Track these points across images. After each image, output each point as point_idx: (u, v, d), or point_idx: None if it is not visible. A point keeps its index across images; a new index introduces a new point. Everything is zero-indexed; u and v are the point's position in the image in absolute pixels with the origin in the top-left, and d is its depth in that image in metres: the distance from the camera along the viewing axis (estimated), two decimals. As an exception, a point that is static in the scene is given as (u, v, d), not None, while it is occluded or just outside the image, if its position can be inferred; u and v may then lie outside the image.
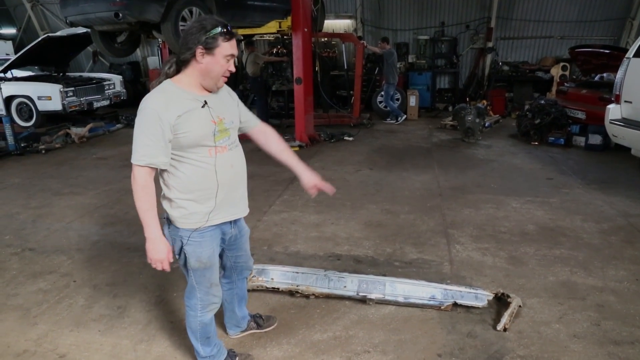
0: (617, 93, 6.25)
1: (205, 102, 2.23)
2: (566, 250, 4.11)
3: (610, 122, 6.26)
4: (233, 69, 2.25)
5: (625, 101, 6.10)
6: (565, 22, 12.13)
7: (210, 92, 2.27)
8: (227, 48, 2.16)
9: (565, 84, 9.86)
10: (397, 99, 11.01)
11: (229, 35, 2.15)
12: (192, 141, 2.18)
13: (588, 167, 6.72)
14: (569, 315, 3.15)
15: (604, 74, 8.81)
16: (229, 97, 2.43)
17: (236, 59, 13.84)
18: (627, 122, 6.03)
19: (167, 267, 2.26)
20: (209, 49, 2.13)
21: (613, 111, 6.26)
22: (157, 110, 2.10)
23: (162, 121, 2.10)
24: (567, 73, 11.10)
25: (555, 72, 11.23)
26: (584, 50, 9.40)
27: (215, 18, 2.20)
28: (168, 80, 2.23)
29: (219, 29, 2.12)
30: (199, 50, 2.13)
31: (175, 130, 2.13)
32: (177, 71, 2.25)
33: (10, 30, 16.07)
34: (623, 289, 3.46)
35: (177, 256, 2.37)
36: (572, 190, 5.70)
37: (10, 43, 14.70)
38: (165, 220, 2.33)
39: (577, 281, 3.59)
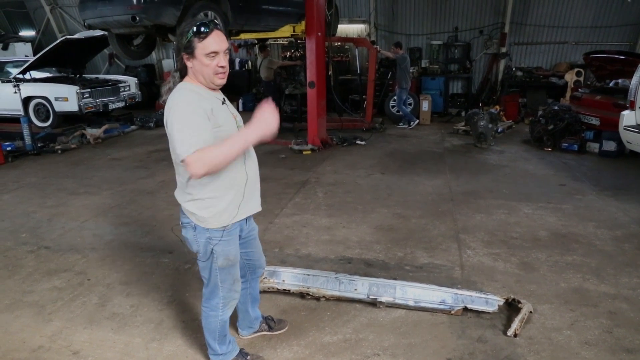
0: (632, 99, 6.21)
1: (224, 99, 2.33)
2: (578, 257, 4.08)
3: (625, 129, 6.22)
4: (223, 64, 2.23)
5: (640, 108, 6.05)
6: (580, 28, 12.03)
7: (214, 90, 2.32)
8: (204, 47, 2.16)
9: (580, 89, 9.77)
10: (410, 104, 10.99)
11: (203, 34, 2.15)
12: (225, 135, 2.21)
13: (602, 174, 6.66)
14: (580, 322, 3.13)
15: (619, 80, 8.74)
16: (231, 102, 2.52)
17: (250, 63, 14.03)
18: (642, 129, 5.98)
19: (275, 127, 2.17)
20: (189, 53, 2.19)
21: (627, 117, 6.21)
22: (193, 102, 2.15)
23: (201, 112, 2.14)
24: (581, 79, 11.00)
25: (570, 77, 11.14)
26: (599, 56, 9.33)
27: (194, 20, 2.25)
28: (185, 82, 2.28)
29: (191, 32, 2.15)
30: (184, 56, 2.21)
31: (211, 121, 2.17)
32: (182, 76, 2.31)
33: (30, 33, 16.33)
34: (636, 297, 3.43)
35: (201, 259, 2.41)
36: (585, 197, 5.65)
37: (29, 45, 14.94)
38: (189, 225, 2.35)
39: (589, 288, 3.57)
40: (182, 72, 2.30)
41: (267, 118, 2.13)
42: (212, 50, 2.17)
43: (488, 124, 8.41)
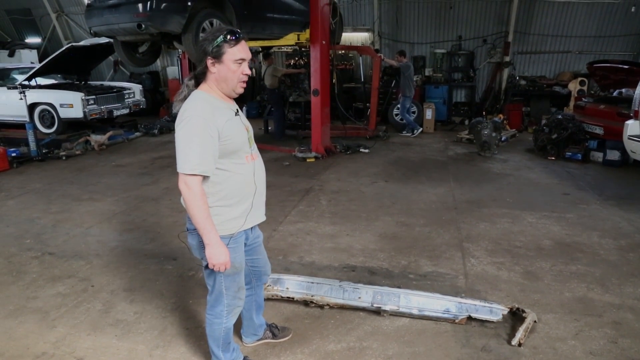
0: (636, 109, 6.21)
1: (237, 111, 2.35)
2: (583, 266, 4.07)
3: (629, 138, 6.21)
4: (248, 72, 2.30)
5: (644, 117, 6.05)
6: (584, 37, 12.06)
7: (231, 98, 2.36)
8: (234, 53, 2.21)
9: (583, 99, 9.77)
10: (414, 112, 11.02)
11: (233, 41, 2.20)
12: (235, 147, 2.27)
13: (606, 183, 6.64)
14: (585, 332, 3.12)
15: (623, 90, 8.74)
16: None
17: (254, 71, 14.11)
18: (646, 139, 5.98)
19: (229, 266, 2.32)
20: (217, 57, 2.21)
21: (632, 127, 6.21)
22: (205, 117, 2.17)
23: (211, 128, 2.16)
24: (585, 88, 11.00)
25: (573, 87, 11.13)
26: (603, 66, 9.33)
27: (222, 27, 2.29)
28: (200, 91, 2.29)
29: (221, 37, 2.19)
30: (209, 61, 2.23)
31: (222, 136, 2.20)
32: (197, 84, 2.33)
33: (36, 40, 16.47)
34: (641, 307, 3.42)
35: (207, 266, 2.39)
36: (589, 206, 5.64)
37: (35, 52, 15.06)
38: (195, 232, 2.32)
39: (593, 298, 3.56)
40: (199, 78, 2.32)
41: (217, 258, 2.27)
42: (241, 57, 2.23)
43: (492, 133, 8.42)
